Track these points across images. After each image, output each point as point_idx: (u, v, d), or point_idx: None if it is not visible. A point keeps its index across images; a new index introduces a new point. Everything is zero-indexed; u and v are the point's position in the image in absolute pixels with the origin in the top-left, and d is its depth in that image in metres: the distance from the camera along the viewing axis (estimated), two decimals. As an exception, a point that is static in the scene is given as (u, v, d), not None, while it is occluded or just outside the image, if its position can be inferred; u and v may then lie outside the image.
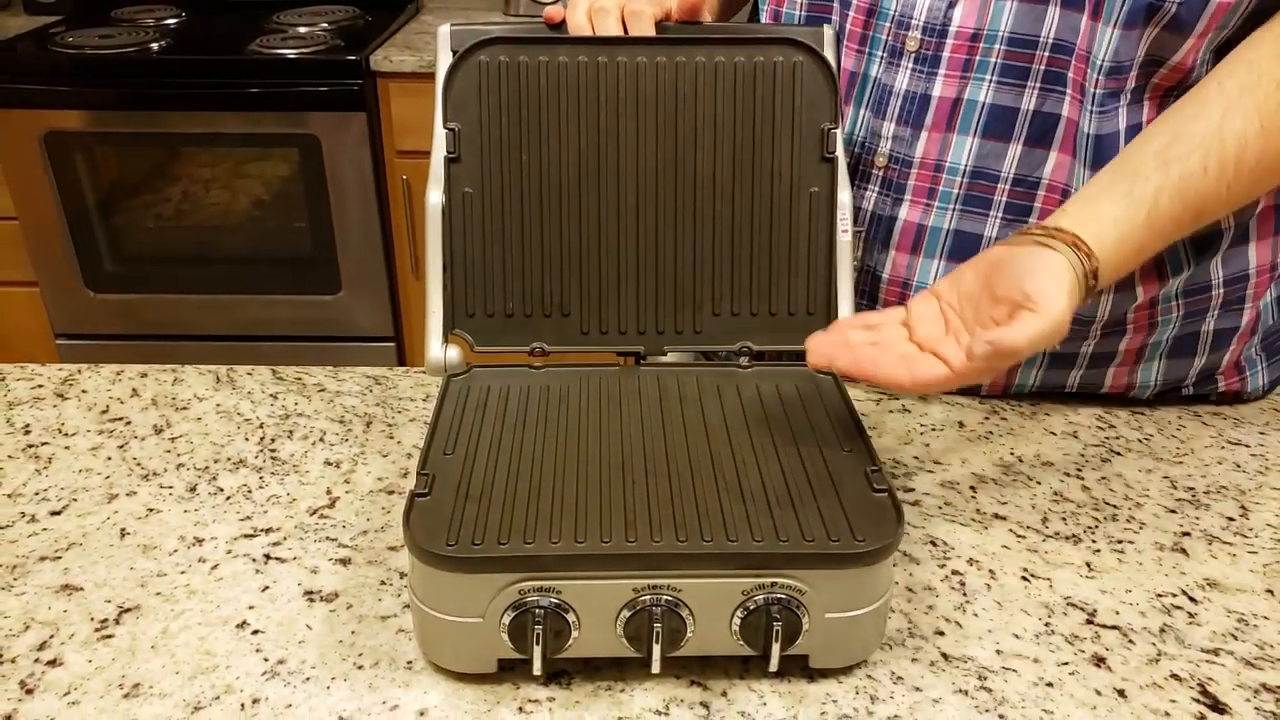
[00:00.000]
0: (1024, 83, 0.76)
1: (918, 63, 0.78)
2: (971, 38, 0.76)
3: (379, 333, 2.16)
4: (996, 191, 0.79)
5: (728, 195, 0.74)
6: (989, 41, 0.76)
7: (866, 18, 0.81)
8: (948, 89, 0.78)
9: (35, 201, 2.03)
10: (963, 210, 0.80)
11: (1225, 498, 0.75)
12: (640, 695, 0.58)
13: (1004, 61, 0.76)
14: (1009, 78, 0.76)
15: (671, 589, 0.56)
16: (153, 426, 0.82)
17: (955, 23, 0.76)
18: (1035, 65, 0.75)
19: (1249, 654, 0.61)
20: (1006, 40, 0.75)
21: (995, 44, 0.76)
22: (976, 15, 0.75)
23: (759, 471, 0.62)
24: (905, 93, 0.79)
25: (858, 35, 0.81)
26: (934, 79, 0.78)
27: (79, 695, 0.57)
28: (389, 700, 0.57)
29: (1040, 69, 0.75)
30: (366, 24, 2.17)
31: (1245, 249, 0.80)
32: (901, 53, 0.79)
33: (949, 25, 0.76)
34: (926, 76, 0.78)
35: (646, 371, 0.73)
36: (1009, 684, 0.59)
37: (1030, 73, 0.75)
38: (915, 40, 0.78)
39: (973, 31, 0.76)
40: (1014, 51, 0.75)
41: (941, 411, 0.85)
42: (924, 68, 0.78)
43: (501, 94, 0.73)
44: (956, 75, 0.77)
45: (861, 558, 0.55)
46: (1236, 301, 0.82)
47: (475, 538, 0.56)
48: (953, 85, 0.78)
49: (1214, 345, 0.84)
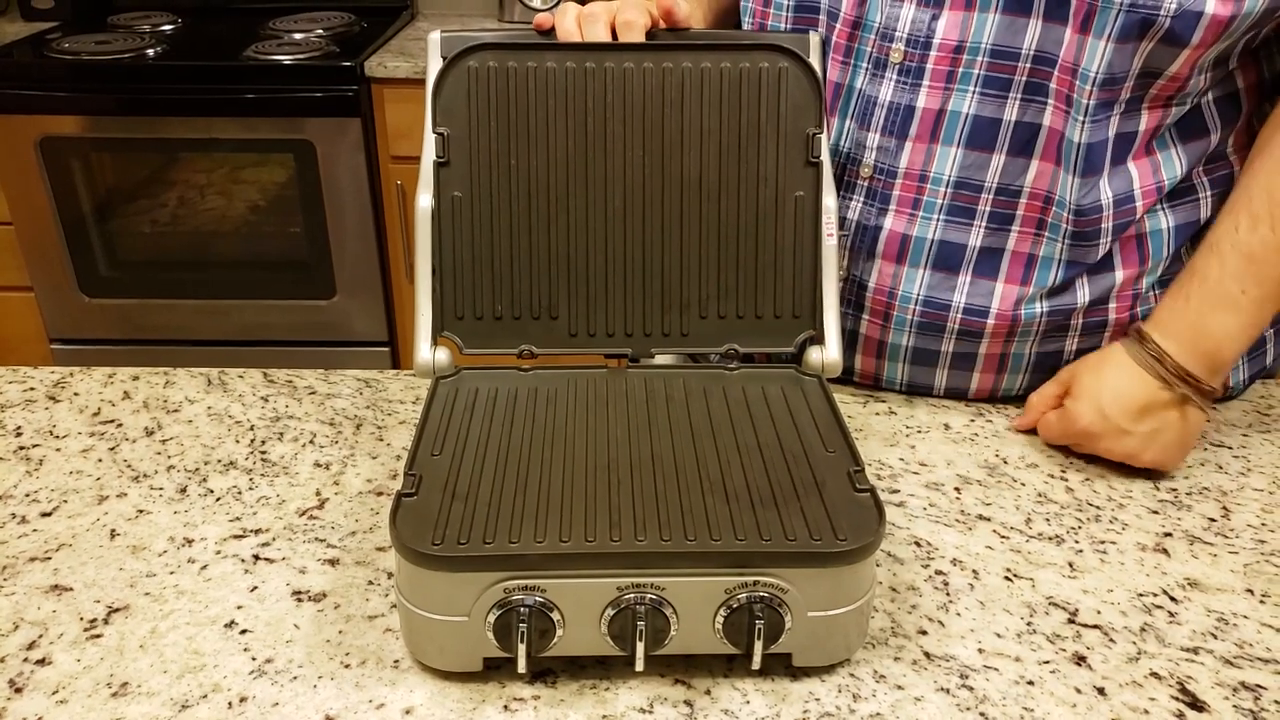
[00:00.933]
0: (1006, 94, 0.77)
1: (902, 74, 0.79)
2: (955, 50, 0.77)
3: (373, 337, 2.16)
4: (980, 201, 0.79)
5: (714, 200, 0.74)
6: (971, 53, 0.77)
7: (851, 30, 0.81)
8: (931, 100, 0.79)
9: (31, 206, 2.04)
10: (947, 220, 0.81)
11: (1207, 499, 0.76)
12: (625, 694, 0.58)
13: (986, 73, 0.77)
14: (992, 89, 0.77)
15: (655, 588, 0.56)
16: (144, 429, 0.83)
17: (938, 35, 0.77)
18: (1017, 77, 0.76)
19: (1228, 653, 0.62)
20: (989, 52, 0.76)
21: (978, 56, 0.76)
22: (959, 28, 0.76)
23: (743, 471, 0.62)
24: (890, 104, 0.80)
25: (842, 47, 0.82)
26: (918, 90, 0.79)
27: (67, 694, 0.58)
28: (375, 699, 0.57)
29: (1022, 80, 0.76)
30: (361, 30, 2.18)
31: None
32: (886, 64, 0.80)
33: (932, 38, 0.77)
34: (911, 88, 0.79)
35: (634, 373, 0.74)
36: (990, 682, 0.59)
37: (1012, 84, 0.76)
38: (899, 52, 0.79)
39: (955, 44, 0.77)
40: (996, 63, 0.76)
41: (927, 414, 0.86)
42: (908, 79, 0.79)
43: (490, 99, 0.73)
44: (940, 87, 0.78)
45: (843, 556, 0.56)
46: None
47: (461, 537, 0.56)
48: (936, 96, 0.78)
49: None
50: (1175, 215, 0.81)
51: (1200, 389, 0.75)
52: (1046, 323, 0.82)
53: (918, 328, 0.84)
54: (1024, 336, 0.83)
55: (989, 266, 0.81)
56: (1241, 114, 0.81)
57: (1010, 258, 0.81)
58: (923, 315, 0.83)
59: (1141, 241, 0.81)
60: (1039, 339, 0.83)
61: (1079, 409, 0.77)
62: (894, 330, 0.85)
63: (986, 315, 0.81)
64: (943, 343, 0.84)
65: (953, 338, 0.83)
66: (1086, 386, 0.77)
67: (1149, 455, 0.76)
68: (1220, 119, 0.80)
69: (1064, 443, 0.80)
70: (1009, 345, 0.84)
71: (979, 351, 0.84)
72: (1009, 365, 0.85)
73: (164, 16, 2.25)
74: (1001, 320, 0.81)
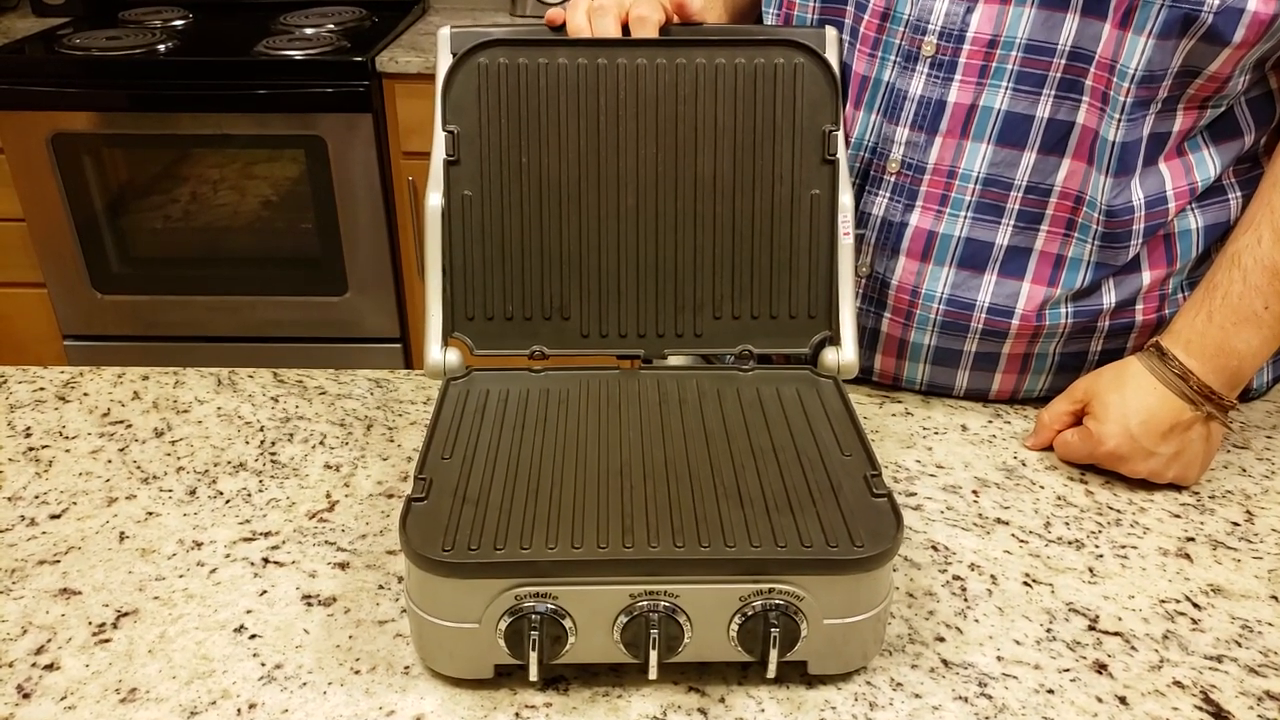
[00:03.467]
0: (1040, 90, 0.75)
1: (933, 68, 0.78)
2: (989, 44, 0.75)
3: (386, 334, 2.16)
4: (1009, 199, 0.78)
5: (728, 198, 0.73)
6: (1006, 48, 0.75)
7: (880, 21, 0.80)
8: (963, 95, 0.77)
9: (43, 203, 2.04)
10: (974, 218, 0.79)
11: (1230, 503, 0.74)
12: (638, 701, 0.57)
13: (1020, 69, 0.75)
14: (1025, 85, 0.75)
15: (669, 595, 0.55)
16: (153, 430, 0.82)
17: (973, 28, 0.75)
18: (1052, 73, 0.75)
19: (1253, 661, 0.60)
20: (1024, 47, 0.75)
21: (1012, 50, 0.75)
22: (994, 22, 0.75)
23: (758, 476, 0.61)
24: (920, 98, 0.79)
25: (870, 39, 0.81)
26: (950, 85, 0.77)
27: (75, 700, 0.57)
28: (385, 706, 0.57)
29: (1057, 76, 0.75)
30: (373, 25, 2.17)
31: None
32: (917, 57, 0.78)
33: (966, 31, 0.76)
34: (943, 82, 0.78)
35: (646, 375, 0.73)
36: (1010, 691, 0.58)
37: (1047, 80, 0.75)
38: (931, 45, 0.77)
39: (990, 38, 0.75)
40: (1031, 59, 0.75)
41: (944, 415, 0.85)
42: (940, 73, 0.77)
43: (501, 96, 0.72)
44: (973, 81, 0.77)
45: (860, 564, 0.55)
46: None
47: (472, 543, 0.55)
48: (969, 91, 0.77)
49: None
50: (1205, 215, 0.79)
51: (1222, 404, 0.74)
52: (1072, 325, 0.80)
53: (941, 327, 0.82)
54: (1049, 338, 0.81)
55: (1016, 266, 0.80)
56: (1276, 115, 0.79)
57: (1038, 258, 0.79)
58: (946, 314, 0.82)
59: (1170, 242, 0.79)
60: (1063, 340, 0.82)
61: (1105, 431, 0.75)
62: (916, 329, 0.83)
63: (1011, 316, 0.80)
64: (965, 343, 0.83)
65: (976, 338, 0.82)
66: (1111, 407, 0.75)
67: (1173, 473, 0.75)
68: (1254, 120, 0.78)
69: (1086, 463, 0.78)
70: (1033, 345, 0.82)
71: (1002, 352, 0.83)
72: (1032, 366, 0.84)
73: (175, 12, 2.25)
74: (1026, 322, 0.80)
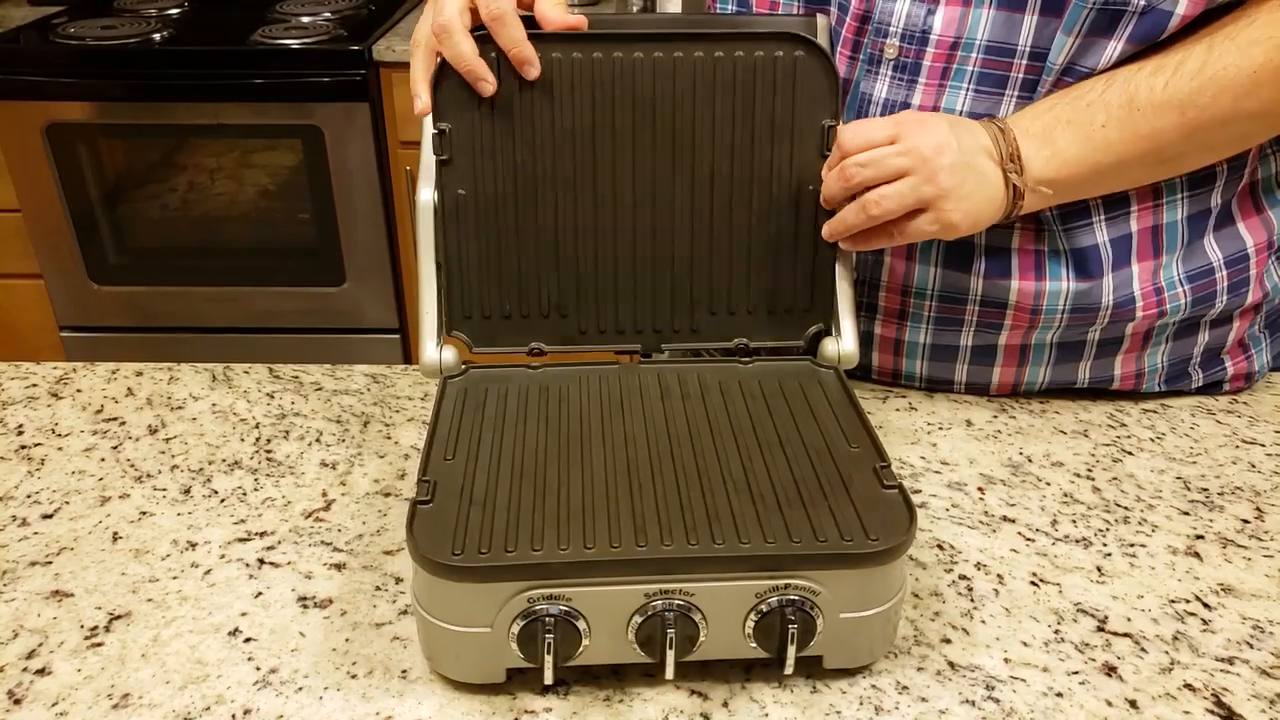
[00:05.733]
0: (1002, 91, 0.74)
1: (897, 70, 0.76)
2: (951, 46, 0.74)
3: (384, 325, 2.15)
4: None
5: (726, 192, 0.72)
6: (966, 50, 0.74)
7: (860, 24, 0.79)
8: (926, 98, 0.76)
9: (38, 193, 2.02)
10: None
11: (1240, 499, 0.73)
12: (640, 705, 0.56)
13: (981, 70, 0.74)
14: (986, 86, 0.75)
15: (684, 593, 0.54)
16: (147, 427, 0.81)
17: (935, 30, 0.74)
18: (1013, 74, 0.74)
19: (1265, 663, 0.59)
20: (984, 49, 0.74)
21: (973, 52, 0.74)
22: (956, 23, 0.74)
23: (766, 470, 0.60)
24: (885, 101, 0.78)
25: (850, 42, 0.79)
26: (914, 87, 0.76)
27: (67, 705, 0.56)
28: (383, 710, 0.56)
29: (1019, 78, 0.74)
30: (369, 13, 2.15)
31: (1235, 229, 0.80)
32: (880, 60, 0.77)
33: (929, 33, 0.74)
34: (907, 85, 0.76)
35: (646, 369, 0.72)
36: (1017, 694, 0.57)
37: (1008, 81, 0.74)
38: (894, 48, 0.76)
39: (952, 40, 0.74)
40: (991, 59, 0.74)
41: (949, 409, 0.84)
42: (903, 76, 0.76)
43: None
44: (935, 84, 0.76)
45: (876, 556, 0.54)
46: (1241, 284, 0.81)
47: (482, 546, 0.54)
48: (931, 94, 0.76)
49: (1216, 322, 0.83)
50: (1191, 204, 0.78)
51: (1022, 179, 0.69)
52: (1069, 320, 0.79)
53: (935, 322, 0.82)
54: (1045, 328, 0.80)
55: (999, 267, 0.79)
56: None
57: (1018, 255, 0.78)
58: (939, 309, 0.81)
59: (1156, 233, 0.78)
60: (1060, 330, 0.81)
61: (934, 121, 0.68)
62: (910, 327, 0.83)
63: (1005, 307, 0.79)
64: (961, 336, 0.82)
65: (971, 330, 0.81)
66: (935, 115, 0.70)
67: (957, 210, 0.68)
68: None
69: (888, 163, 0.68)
70: (1029, 336, 0.81)
71: (998, 343, 0.82)
72: (1030, 357, 0.83)
73: (170, 0, 2.23)
74: (1020, 312, 0.79)
